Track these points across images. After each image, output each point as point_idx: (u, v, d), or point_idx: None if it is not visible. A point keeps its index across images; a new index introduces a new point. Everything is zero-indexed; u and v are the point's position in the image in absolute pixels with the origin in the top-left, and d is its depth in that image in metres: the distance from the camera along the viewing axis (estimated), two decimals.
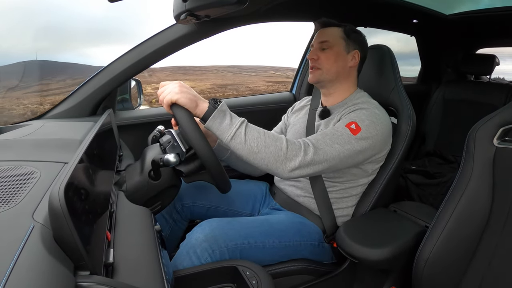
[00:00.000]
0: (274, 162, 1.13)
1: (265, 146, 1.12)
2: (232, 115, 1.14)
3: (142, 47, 1.62)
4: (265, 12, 1.73)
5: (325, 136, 1.23)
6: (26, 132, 1.25)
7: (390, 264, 1.24)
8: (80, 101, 1.61)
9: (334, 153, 1.20)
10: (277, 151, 1.13)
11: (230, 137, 1.11)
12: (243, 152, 1.13)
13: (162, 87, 1.15)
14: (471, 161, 1.09)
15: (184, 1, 1.19)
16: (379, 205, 1.45)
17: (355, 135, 1.23)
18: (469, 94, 2.74)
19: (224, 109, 1.12)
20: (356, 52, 1.44)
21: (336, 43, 1.43)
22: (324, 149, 1.19)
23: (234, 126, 1.11)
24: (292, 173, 1.16)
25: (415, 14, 2.43)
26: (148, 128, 1.48)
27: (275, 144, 1.13)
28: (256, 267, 1.12)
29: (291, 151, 1.14)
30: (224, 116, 1.12)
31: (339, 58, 1.42)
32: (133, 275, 0.67)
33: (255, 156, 1.13)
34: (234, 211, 1.60)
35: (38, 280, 0.47)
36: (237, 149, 1.13)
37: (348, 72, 1.45)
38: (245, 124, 1.13)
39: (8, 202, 0.65)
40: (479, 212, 1.06)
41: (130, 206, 0.98)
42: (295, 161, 1.14)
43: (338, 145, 1.21)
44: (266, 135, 1.14)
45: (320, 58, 1.43)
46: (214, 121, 1.11)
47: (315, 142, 1.20)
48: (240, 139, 1.11)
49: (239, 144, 1.12)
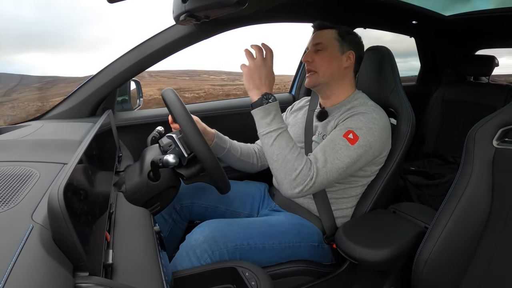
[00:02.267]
0: (283, 178, 1.20)
1: (283, 160, 1.18)
2: (276, 117, 1.21)
3: (141, 48, 1.62)
4: (265, 13, 1.73)
5: (325, 153, 1.24)
6: (26, 133, 1.25)
7: (389, 265, 1.24)
8: (80, 102, 1.61)
9: (334, 170, 1.23)
10: (290, 171, 1.18)
11: (262, 134, 1.21)
12: (266, 153, 1.22)
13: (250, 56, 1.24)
14: (470, 162, 1.09)
15: (183, 2, 1.19)
16: (378, 206, 1.45)
17: (352, 145, 1.25)
18: (468, 95, 2.74)
19: (270, 109, 1.21)
20: (350, 52, 1.44)
21: (330, 44, 1.43)
22: (326, 168, 1.22)
23: (271, 128, 1.19)
24: (293, 195, 1.22)
25: (414, 15, 2.43)
26: (147, 129, 1.48)
27: (292, 164, 1.18)
28: (256, 268, 1.12)
29: (301, 178, 1.18)
30: (268, 114, 1.20)
31: (334, 59, 1.42)
32: (132, 276, 0.67)
33: (272, 162, 1.21)
34: (233, 212, 1.60)
35: (37, 280, 0.47)
36: (264, 144, 1.22)
37: (343, 73, 1.45)
38: (281, 131, 1.20)
39: (7, 202, 0.65)
40: (479, 213, 1.06)
41: (129, 207, 0.98)
42: (299, 188, 1.19)
43: (338, 160, 1.23)
44: (291, 152, 1.18)
45: (314, 60, 1.43)
46: (258, 112, 1.21)
47: (320, 164, 1.22)
48: (268, 140, 1.19)
49: (266, 144, 1.21)
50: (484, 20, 2.48)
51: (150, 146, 1.25)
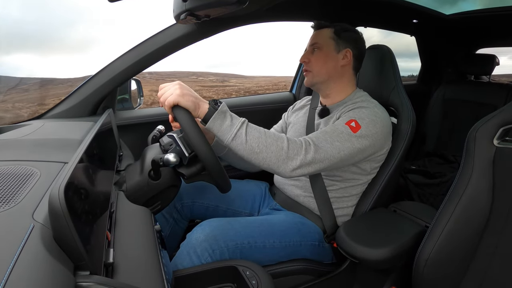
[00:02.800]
0: (275, 162, 1.13)
1: (266, 146, 1.12)
2: (233, 116, 1.13)
3: (142, 47, 1.62)
4: (265, 12, 1.73)
5: (325, 134, 1.23)
6: (26, 132, 1.25)
7: (390, 264, 1.24)
8: (80, 101, 1.61)
9: (334, 151, 1.20)
10: (278, 151, 1.12)
11: (231, 138, 1.10)
12: (244, 152, 1.12)
13: (162, 89, 1.13)
14: (471, 161, 1.08)
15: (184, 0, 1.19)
16: (379, 205, 1.45)
17: (355, 132, 1.24)
18: (469, 94, 2.74)
19: (224, 110, 1.11)
20: (347, 50, 1.43)
21: (325, 44, 1.43)
22: (325, 147, 1.19)
23: (235, 127, 1.11)
24: (294, 172, 1.16)
25: (415, 14, 2.43)
26: (148, 128, 1.48)
27: (276, 144, 1.13)
28: (256, 267, 1.12)
29: (292, 150, 1.14)
30: (224, 117, 1.11)
31: (329, 58, 1.43)
32: (133, 275, 0.67)
33: (257, 156, 1.13)
34: (233, 211, 1.60)
35: (37, 279, 0.47)
36: (238, 149, 1.12)
37: (341, 71, 1.45)
38: (246, 124, 1.13)
39: (8, 202, 0.65)
40: (479, 212, 1.06)
41: (130, 206, 0.98)
42: (296, 160, 1.14)
43: (339, 142, 1.21)
44: (267, 135, 1.14)
45: (310, 61, 1.44)
46: (214, 122, 1.10)
47: (316, 140, 1.20)
48: (241, 139, 1.11)
49: (240, 144, 1.11)
50: (485, 19, 2.48)
51: (150, 145, 1.25)
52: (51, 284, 0.48)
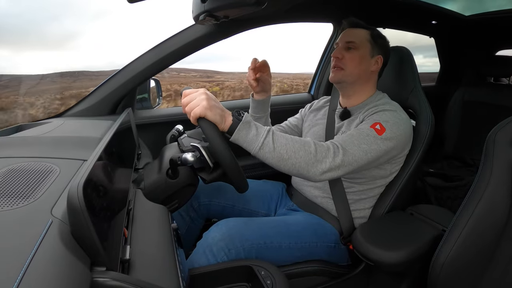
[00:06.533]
0: (305, 166, 1.13)
1: (294, 152, 1.12)
2: (257, 125, 1.13)
3: (161, 47, 1.63)
4: (284, 13, 1.73)
5: (352, 137, 1.23)
6: (46, 130, 1.27)
7: (405, 267, 1.23)
8: (100, 100, 1.64)
9: (362, 153, 1.20)
10: (306, 155, 1.12)
11: (258, 147, 1.10)
12: (273, 160, 1.12)
13: (186, 96, 1.10)
14: (489, 165, 1.06)
15: (203, 1, 1.19)
16: (396, 208, 1.43)
17: (380, 135, 1.23)
18: (488, 97, 2.69)
19: (248, 120, 1.11)
20: (379, 57, 1.43)
21: (363, 45, 1.42)
22: (352, 150, 1.19)
23: (261, 136, 1.10)
24: (323, 176, 1.16)
25: (434, 15, 2.41)
26: (166, 127, 1.49)
27: (304, 148, 1.13)
28: (272, 267, 1.12)
29: (320, 153, 1.14)
30: (249, 127, 1.10)
31: (363, 61, 1.42)
32: (149, 272, 0.68)
33: (286, 162, 1.12)
34: (250, 211, 1.61)
35: (54, 274, 0.48)
36: (266, 158, 1.12)
37: (369, 76, 1.44)
38: (272, 132, 1.13)
39: (27, 197, 0.66)
40: (497, 217, 1.04)
41: (148, 204, 0.99)
42: (325, 164, 1.14)
43: (365, 145, 1.21)
44: (294, 141, 1.14)
45: (344, 58, 1.42)
46: (239, 133, 1.09)
47: (343, 143, 1.20)
48: (268, 148, 1.10)
49: (268, 153, 1.11)
50: (505, 20, 2.43)
51: (169, 144, 1.26)
52: (68, 279, 0.49)
